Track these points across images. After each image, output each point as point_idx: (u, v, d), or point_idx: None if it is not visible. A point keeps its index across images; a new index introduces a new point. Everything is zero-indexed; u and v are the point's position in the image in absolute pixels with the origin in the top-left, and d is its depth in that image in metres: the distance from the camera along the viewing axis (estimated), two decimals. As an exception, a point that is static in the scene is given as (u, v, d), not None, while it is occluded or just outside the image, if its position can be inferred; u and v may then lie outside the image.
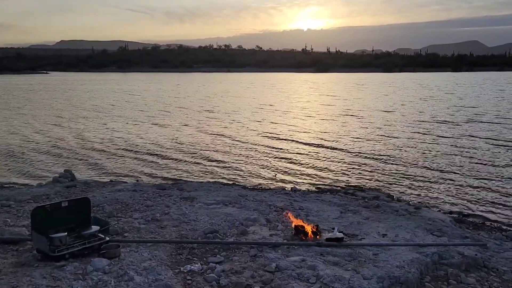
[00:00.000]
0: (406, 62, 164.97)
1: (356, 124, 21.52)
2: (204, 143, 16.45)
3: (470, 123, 21.22)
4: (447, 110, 27.52)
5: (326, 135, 18.27)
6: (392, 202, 8.67)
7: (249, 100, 36.05)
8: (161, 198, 7.73)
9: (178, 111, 28.07)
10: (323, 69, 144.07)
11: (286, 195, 8.86)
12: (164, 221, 6.23)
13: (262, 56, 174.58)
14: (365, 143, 16.25)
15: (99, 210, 6.72)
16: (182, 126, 20.88)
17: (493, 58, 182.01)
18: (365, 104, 31.70)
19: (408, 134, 18.09)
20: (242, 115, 25.57)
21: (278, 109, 28.86)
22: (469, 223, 7.80)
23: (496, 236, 6.71)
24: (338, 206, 7.73)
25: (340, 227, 6.14)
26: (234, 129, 19.88)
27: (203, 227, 5.96)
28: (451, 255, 5.16)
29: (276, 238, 5.64)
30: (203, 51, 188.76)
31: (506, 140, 16.50)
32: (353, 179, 11.36)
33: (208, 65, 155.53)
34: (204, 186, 9.21)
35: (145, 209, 6.89)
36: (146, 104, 32.84)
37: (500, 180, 11.01)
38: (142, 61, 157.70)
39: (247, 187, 10.01)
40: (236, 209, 7.04)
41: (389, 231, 6.17)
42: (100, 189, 8.58)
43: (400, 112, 26.58)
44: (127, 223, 6.07)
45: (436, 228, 6.46)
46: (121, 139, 17.42)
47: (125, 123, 21.97)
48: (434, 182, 10.90)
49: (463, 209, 8.91)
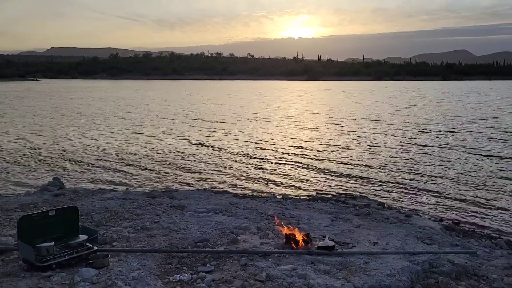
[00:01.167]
0: (396, 71, 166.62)
1: (343, 132, 21.62)
2: (193, 151, 16.38)
3: (456, 132, 21.43)
4: (433, 118, 27.79)
5: (314, 143, 18.31)
6: (383, 210, 8.67)
7: (235, 108, 36.01)
8: (151, 206, 7.66)
9: (165, 119, 27.91)
10: (314, 77, 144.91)
11: (277, 203, 8.83)
12: (153, 230, 6.17)
13: (254, 64, 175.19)
14: (354, 151, 16.31)
15: (88, 219, 6.63)
16: (170, 135, 20.76)
17: (481, 67, 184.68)
18: (353, 113, 31.84)
19: (397, 143, 18.20)
20: (229, 123, 25.53)
21: (265, 118, 28.88)
22: (459, 230, 7.83)
23: (486, 244, 6.73)
24: (329, 214, 7.72)
25: (331, 235, 6.12)
26: (221, 138, 19.84)
27: (193, 235, 5.90)
28: (442, 263, 5.16)
29: (267, 247, 5.60)
30: (194, 59, 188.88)
31: (492, 149, 16.69)
32: (344, 186, 11.37)
33: (199, 73, 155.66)
34: (195, 194, 9.15)
35: (134, 218, 6.82)
36: (134, 112, 32.68)
37: (489, 188, 11.10)
38: (134, 69, 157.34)
39: (238, 195, 9.96)
40: (227, 217, 6.99)
41: (380, 239, 6.16)
42: (89, 197, 8.48)
43: (388, 120, 26.76)
44: (116, 232, 5.99)
45: (427, 236, 6.47)
46: (110, 146, 17.29)
47: (112, 131, 21.81)
48: (424, 190, 10.95)
49: (453, 217, 8.95)
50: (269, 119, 27.86)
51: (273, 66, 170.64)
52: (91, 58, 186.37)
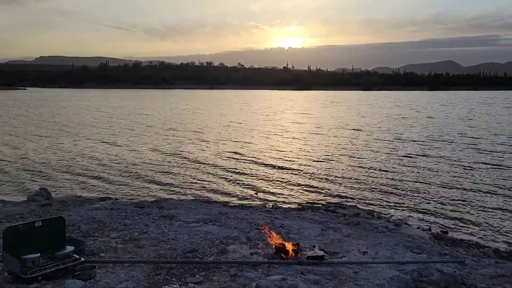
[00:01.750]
0: (385, 81, 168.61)
1: (331, 142, 21.72)
2: (182, 161, 16.30)
3: (441, 142, 21.67)
4: (419, 129, 28.13)
5: (303, 153, 18.38)
6: (372, 219, 8.69)
7: (223, 118, 35.96)
8: (140, 216, 7.59)
9: (152, 128, 27.79)
10: (304, 87, 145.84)
11: (267, 212, 8.81)
12: (142, 241, 6.10)
13: (244, 74, 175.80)
14: (342, 160, 16.37)
15: (75, 229, 6.54)
16: (157, 145, 20.64)
17: (468, 78, 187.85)
18: (341, 122, 32.02)
19: (384, 153, 18.34)
20: (216, 133, 25.51)
21: (253, 127, 28.93)
22: (447, 239, 7.88)
23: (474, 253, 6.78)
24: (319, 223, 7.71)
25: (321, 244, 6.11)
26: (209, 147, 19.78)
27: (182, 246, 5.85)
28: (431, 272, 5.18)
29: (257, 257, 5.57)
30: (185, 68, 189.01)
31: (477, 159, 16.90)
32: (334, 196, 11.39)
33: (190, 82, 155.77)
34: (184, 204, 9.09)
35: (123, 228, 6.74)
36: (121, 122, 32.50)
37: (476, 197, 11.20)
38: (123, 78, 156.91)
39: (228, 205, 9.93)
40: (217, 227, 6.95)
41: (370, 248, 6.17)
42: (76, 207, 8.38)
43: (375, 130, 26.97)
44: (103, 243, 5.91)
45: (416, 245, 6.49)
46: (98, 156, 17.13)
47: (100, 141, 21.62)
48: (413, 199, 11.02)
49: (442, 226, 9.01)
50: (258, 128, 27.87)
51: (263, 76, 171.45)
52: (80, 67, 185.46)
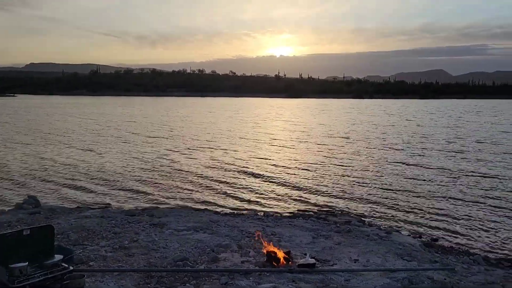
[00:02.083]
0: (376, 89, 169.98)
1: (322, 150, 21.78)
2: (172, 169, 16.19)
3: (430, 151, 21.85)
4: (409, 137, 28.34)
5: (294, 160, 18.39)
6: (363, 227, 8.72)
7: (212, 126, 35.91)
8: (130, 224, 7.53)
9: (143, 136, 27.62)
10: (295, 95, 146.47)
11: (259, 220, 8.80)
12: (132, 249, 6.05)
13: (236, 81, 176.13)
14: (333, 168, 16.39)
15: (64, 238, 6.47)
16: (147, 152, 20.51)
17: (457, 87, 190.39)
18: (329, 130, 32.10)
19: (374, 160, 18.43)
20: (206, 140, 25.45)
21: (243, 135, 28.92)
22: (438, 247, 7.91)
23: (464, 260, 6.82)
24: (310, 231, 7.71)
25: (312, 252, 6.11)
26: (200, 155, 19.73)
27: (173, 254, 5.81)
28: (421, 280, 5.19)
29: (248, 265, 5.55)
30: (176, 76, 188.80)
31: (466, 167, 17.05)
32: (325, 203, 11.40)
33: (181, 90, 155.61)
34: (175, 212, 9.04)
35: (112, 237, 6.68)
36: (111, 129, 32.32)
37: (466, 206, 11.28)
38: (115, 85, 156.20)
39: (219, 213, 9.89)
40: (208, 235, 6.92)
41: (361, 256, 6.18)
42: (66, 215, 8.29)
43: (365, 138, 27.09)
44: (93, 251, 5.85)
45: (406, 253, 6.52)
46: (88, 164, 16.97)
47: (90, 148, 21.44)
48: (404, 207, 11.06)
49: (432, 234, 9.04)
50: (247, 137, 27.77)
51: (255, 84, 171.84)
52: (71, 74, 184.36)
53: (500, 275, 5.91)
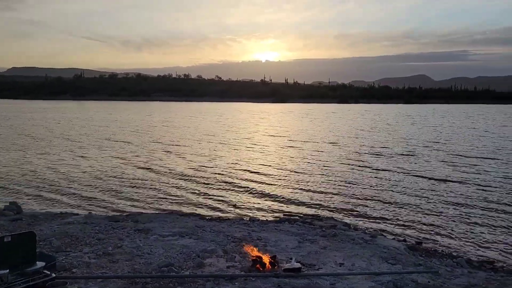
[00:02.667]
0: (361, 94, 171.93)
1: (306, 154, 21.89)
2: (156, 174, 16.07)
3: (412, 156, 22.13)
4: (390, 141, 28.68)
5: (278, 165, 18.43)
6: (349, 231, 8.75)
7: (196, 130, 35.75)
8: (114, 230, 7.44)
9: (125, 141, 27.39)
10: (281, 100, 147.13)
11: (245, 225, 8.77)
12: (116, 255, 5.97)
13: (222, 86, 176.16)
14: (317, 173, 16.46)
15: (46, 244, 6.36)
16: (131, 157, 20.29)
17: (440, 92, 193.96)
18: (312, 135, 32.24)
19: (358, 165, 18.56)
20: (190, 146, 25.35)
21: (227, 140, 28.88)
22: (422, 250, 7.99)
23: (448, 263, 6.89)
24: (296, 235, 7.72)
25: (298, 257, 6.12)
26: (184, 160, 19.63)
27: (157, 260, 5.75)
28: (405, 283, 5.23)
29: (233, 270, 5.52)
30: (162, 80, 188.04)
31: (448, 173, 17.31)
32: (311, 208, 11.43)
33: (167, 94, 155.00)
34: (160, 217, 8.96)
35: (96, 243, 6.59)
36: (93, 134, 31.98)
37: (449, 209, 11.44)
38: (99, 89, 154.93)
39: (204, 218, 9.83)
40: (193, 241, 6.87)
41: (346, 260, 6.21)
42: (48, 222, 8.15)
43: (348, 143, 27.34)
44: (76, 258, 5.76)
45: (391, 256, 6.57)
46: (70, 169, 16.73)
47: (72, 153, 21.14)
48: (389, 211, 11.17)
49: (417, 237, 9.14)
50: (231, 142, 27.65)
51: (241, 89, 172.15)
52: (54, 78, 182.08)
53: (483, 278, 6.00)
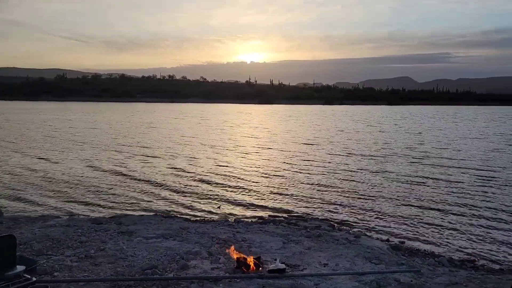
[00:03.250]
0: (346, 95, 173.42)
1: (289, 155, 21.97)
2: (140, 175, 15.92)
3: (392, 156, 22.41)
4: (371, 142, 28.96)
5: (263, 166, 18.47)
6: (333, 231, 8.81)
7: (179, 132, 35.61)
8: (97, 233, 7.34)
9: (105, 144, 27.11)
10: (266, 101, 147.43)
11: (230, 226, 8.76)
12: (99, 258, 5.90)
13: (207, 87, 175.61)
14: (300, 174, 16.51)
15: (27, 248, 6.24)
16: (112, 159, 20.10)
17: (423, 93, 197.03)
18: (295, 136, 32.38)
19: (342, 167, 18.73)
20: (173, 147, 25.25)
21: (209, 142, 28.80)
22: (405, 250, 8.08)
23: (429, 262, 6.99)
24: (281, 236, 7.74)
25: (283, 257, 6.13)
26: (166, 162, 19.53)
27: (141, 262, 5.70)
28: (388, 282, 5.29)
29: (218, 272, 5.51)
30: (146, 81, 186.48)
31: (428, 173, 17.58)
32: (295, 209, 11.46)
33: (151, 95, 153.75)
34: (144, 219, 8.88)
35: (78, 246, 6.50)
36: (75, 134, 31.57)
37: (431, 209, 11.60)
38: (82, 90, 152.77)
39: (189, 219, 9.78)
40: (177, 243, 6.83)
41: (330, 260, 6.25)
42: (29, 225, 8.01)
43: (332, 144, 27.56)
44: (57, 261, 5.67)
45: (374, 256, 6.63)
46: (52, 170, 16.46)
47: (54, 154, 20.84)
48: (373, 211, 11.27)
49: (399, 237, 9.24)
50: (214, 143, 27.56)
51: (226, 90, 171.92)
52: (36, 79, 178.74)
53: (464, 276, 6.10)
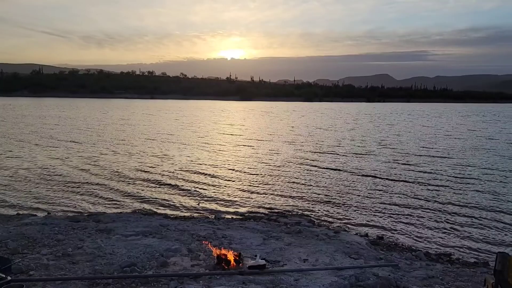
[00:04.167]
0: (326, 93, 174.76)
1: (266, 152, 22.06)
2: (119, 172, 15.73)
3: (375, 154, 22.73)
4: (349, 140, 29.31)
5: (242, 163, 18.48)
6: (313, 227, 8.88)
7: (152, 128, 35.31)
8: (75, 231, 7.21)
9: (73, 140, 26.68)
10: (247, 97, 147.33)
11: (210, 223, 8.73)
12: (76, 256, 5.79)
13: (187, 84, 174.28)
14: (279, 171, 16.61)
15: (1, 247, 6.09)
16: (88, 156, 19.82)
17: (401, 91, 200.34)
18: (272, 133, 32.45)
19: (321, 165, 18.90)
20: (151, 144, 25.03)
21: (188, 140, 28.65)
22: (383, 245, 8.21)
23: (407, 256, 7.12)
24: (261, 233, 7.75)
25: (263, 254, 6.14)
26: (144, 160, 19.35)
27: (120, 260, 5.63)
28: (367, 277, 5.36)
29: (198, 269, 5.48)
30: (125, 77, 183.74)
31: (403, 170, 17.88)
32: (276, 205, 11.51)
33: (130, 91, 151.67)
34: (123, 217, 8.76)
35: (55, 244, 6.37)
36: (48, 131, 30.94)
37: (408, 204, 11.82)
38: (59, 86, 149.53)
39: (169, 217, 9.71)
40: (157, 240, 6.77)
41: (310, 256, 6.29)
42: (4, 223, 7.81)
43: (308, 142, 27.78)
44: (33, 260, 5.55)
45: (354, 251, 6.71)
46: (27, 167, 16.09)
47: (28, 151, 20.38)
48: (352, 207, 11.41)
49: (378, 232, 9.39)
50: (191, 140, 27.52)
51: (206, 86, 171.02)
52: (10, 74, 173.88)
53: (440, 270, 6.24)
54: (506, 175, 16.08)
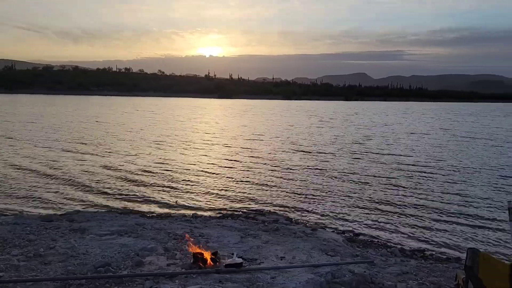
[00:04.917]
0: (304, 91, 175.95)
1: (243, 150, 22.08)
2: (93, 170, 15.45)
3: (346, 151, 23.02)
4: (327, 138, 29.62)
5: (219, 161, 18.45)
6: (290, 225, 8.92)
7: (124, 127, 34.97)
8: (47, 231, 7.04)
9: (47, 137, 26.16)
10: (226, 95, 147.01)
11: (187, 222, 8.66)
12: (48, 257, 5.65)
13: (166, 81, 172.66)
14: (258, 169, 16.63)
15: (-31, 248, 5.89)
16: (63, 152, 19.44)
17: (378, 89, 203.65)
18: (249, 131, 32.50)
19: (298, 163, 19.01)
20: (126, 141, 24.75)
21: (161, 138, 28.46)
22: (359, 242, 8.31)
23: (382, 253, 7.23)
24: (238, 231, 7.74)
25: (240, 252, 6.12)
26: (117, 158, 19.09)
27: (93, 260, 5.52)
28: (343, 273, 5.40)
29: (174, 268, 5.43)
30: (102, 74, 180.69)
31: (378, 168, 18.17)
32: (254, 203, 11.51)
33: (108, 88, 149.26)
34: (98, 216, 8.61)
35: (26, 244, 6.20)
36: (19, 129, 30.21)
37: (383, 202, 12.00)
38: (33, 82, 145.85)
39: (145, 215, 9.59)
40: (132, 239, 6.67)
41: (287, 253, 6.31)
42: (-28, 223, 7.56)
43: (284, 140, 27.95)
44: (3, 261, 5.38)
45: (330, 248, 6.77)
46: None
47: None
48: (328, 205, 11.50)
49: (354, 229, 9.49)
50: (167, 139, 27.32)
51: (186, 84, 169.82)
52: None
53: (414, 265, 6.35)
54: (480, 172, 16.50)
